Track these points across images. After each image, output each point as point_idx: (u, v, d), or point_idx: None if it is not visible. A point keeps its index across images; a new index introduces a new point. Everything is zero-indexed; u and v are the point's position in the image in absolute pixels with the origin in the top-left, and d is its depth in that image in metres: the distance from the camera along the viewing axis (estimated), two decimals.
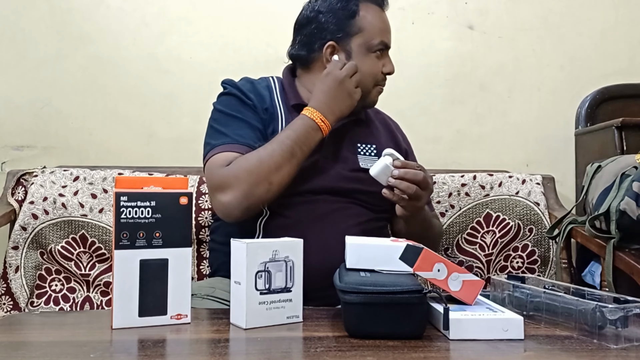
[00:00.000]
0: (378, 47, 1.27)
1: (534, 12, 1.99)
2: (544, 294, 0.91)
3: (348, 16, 1.27)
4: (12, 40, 1.89)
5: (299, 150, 1.15)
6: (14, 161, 1.86)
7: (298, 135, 1.16)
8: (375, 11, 1.28)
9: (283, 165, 1.14)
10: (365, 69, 1.26)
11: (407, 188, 1.12)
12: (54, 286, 1.60)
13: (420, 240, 1.26)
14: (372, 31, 1.27)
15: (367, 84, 1.28)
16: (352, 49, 1.27)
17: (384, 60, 1.29)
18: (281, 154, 1.14)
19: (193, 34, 1.94)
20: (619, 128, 1.64)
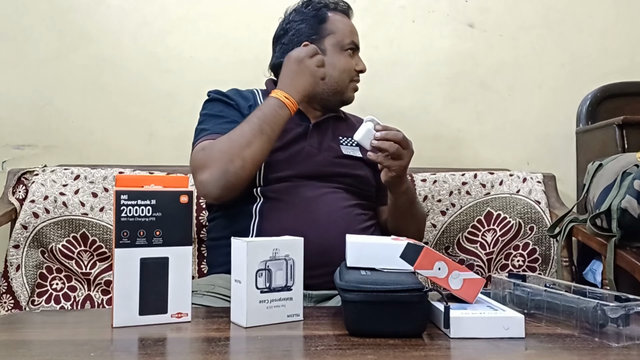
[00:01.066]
0: (349, 46, 1.41)
1: (535, 10, 1.99)
2: (545, 293, 0.91)
3: (320, 21, 1.42)
4: (13, 39, 1.89)
5: (268, 127, 1.21)
6: (14, 160, 1.86)
7: (265, 114, 1.22)
8: (343, 17, 1.45)
9: (253, 141, 1.20)
10: (340, 65, 1.40)
11: (389, 147, 1.21)
12: (55, 285, 1.60)
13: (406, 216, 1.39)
14: (343, 32, 1.41)
15: (343, 79, 1.41)
16: (326, 48, 1.40)
17: (355, 59, 1.43)
18: (250, 132, 1.20)
19: (193, 33, 1.93)
20: (620, 126, 1.63)
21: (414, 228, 1.43)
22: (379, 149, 1.22)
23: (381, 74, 1.96)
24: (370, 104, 1.58)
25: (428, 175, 1.76)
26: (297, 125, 1.37)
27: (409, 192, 1.36)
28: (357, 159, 1.41)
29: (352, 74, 1.42)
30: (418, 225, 1.46)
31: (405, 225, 1.39)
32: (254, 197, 1.29)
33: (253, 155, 1.20)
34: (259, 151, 1.21)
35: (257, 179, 1.28)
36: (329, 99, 1.42)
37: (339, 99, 1.43)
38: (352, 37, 1.43)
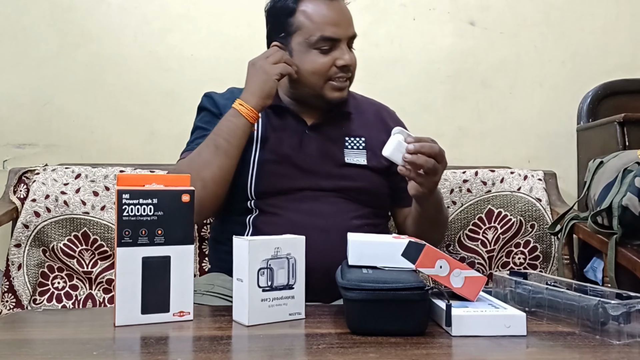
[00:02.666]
0: (318, 43, 1.22)
1: (536, 8, 1.99)
2: (546, 290, 0.91)
3: (286, 15, 1.25)
4: (13, 38, 1.89)
5: (223, 141, 1.17)
6: (15, 159, 1.86)
7: (220, 127, 1.19)
8: (320, 4, 1.23)
9: (210, 159, 1.17)
10: (307, 67, 1.24)
11: (425, 162, 1.08)
12: (57, 284, 1.60)
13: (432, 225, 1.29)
14: (311, 27, 1.22)
15: (315, 82, 1.25)
16: (293, 48, 1.25)
17: (335, 53, 1.23)
18: (206, 149, 1.18)
19: (194, 31, 1.93)
20: (621, 124, 1.63)
21: (438, 235, 1.35)
22: (413, 164, 1.08)
23: (382, 72, 1.96)
24: None
25: None
26: (292, 131, 1.29)
27: (437, 202, 1.26)
28: (362, 167, 1.29)
29: (326, 73, 1.23)
30: (442, 231, 1.39)
31: (430, 233, 1.27)
32: (248, 209, 1.24)
33: (212, 174, 1.16)
34: (217, 168, 1.16)
35: (249, 193, 1.23)
36: (312, 102, 1.30)
37: (322, 102, 1.28)
38: (324, 29, 1.21)
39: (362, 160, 1.30)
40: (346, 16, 1.26)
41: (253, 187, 1.23)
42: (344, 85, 1.27)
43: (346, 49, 1.24)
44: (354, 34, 1.27)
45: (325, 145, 1.29)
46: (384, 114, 1.43)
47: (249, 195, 1.23)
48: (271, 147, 1.26)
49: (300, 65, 1.25)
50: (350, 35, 1.26)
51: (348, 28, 1.25)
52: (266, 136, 1.28)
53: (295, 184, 1.24)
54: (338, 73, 1.24)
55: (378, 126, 1.37)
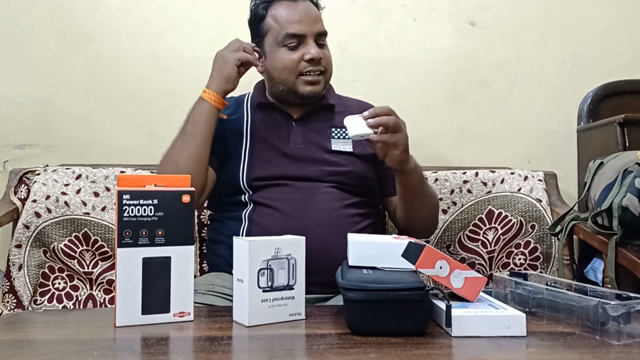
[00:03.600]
0: (285, 40, 1.31)
1: (536, 8, 1.99)
2: (546, 291, 0.91)
3: (258, 21, 1.36)
4: (13, 39, 1.89)
5: (190, 125, 1.26)
6: (16, 160, 1.86)
7: (188, 115, 1.29)
8: (282, 6, 1.33)
9: (181, 144, 1.26)
10: (276, 64, 1.33)
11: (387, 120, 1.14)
12: (57, 284, 1.60)
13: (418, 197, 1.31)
14: (277, 27, 1.32)
15: (286, 78, 1.33)
16: (266, 50, 1.35)
17: (302, 49, 1.31)
18: (177, 137, 1.28)
19: (194, 31, 1.93)
20: (622, 124, 1.63)
21: (427, 211, 1.35)
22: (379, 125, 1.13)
23: (382, 72, 1.96)
24: (371, 102, 1.56)
25: (429, 173, 1.76)
26: (279, 125, 1.37)
27: (418, 169, 1.28)
28: (349, 153, 1.35)
29: (296, 68, 1.31)
30: (431, 207, 1.37)
31: (420, 207, 1.32)
32: (243, 203, 1.29)
33: (184, 158, 1.24)
34: (187, 152, 1.25)
35: (242, 185, 1.29)
36: (290, 99, 1.36)
37: (297, 97, 1.34)
38: (289, 27, 1.30)
39: (348, 148, 1.35)
40: (310, 14, 1.33)
41: (244, 177, 1.29)
42: (316, 80, 1.33)
43: (313, 44, 1.31)
44: (320, 31, 1.34)
45: (312, 135, 1.36)
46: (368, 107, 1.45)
47: (242, 186, 1.29)
48: (260, 139, 1.34)
49: (272, 64, 1.34)
50: (315, 32, 1.32)
51: (313, 25, 1.32)
52: (255, 130, 1.36)
53: (284, 171, 1.29)
54: (307, 67, 1.31)
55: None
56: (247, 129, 1.36)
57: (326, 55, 1.35)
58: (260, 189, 1.28)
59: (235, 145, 1.35)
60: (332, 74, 1.41)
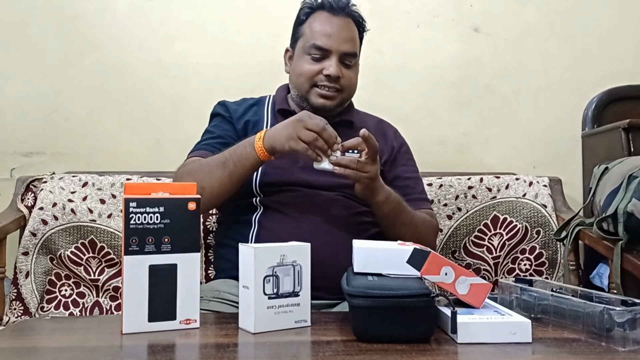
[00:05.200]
0: (311, 50, 1.32)
1: (539, 14, 1.99)
2: (552, 297, 0.91)
3: (298, 24, 1.39)
4: (20, 47, 1.91)
5: (231, 162, 1.21)
6: (22, 167, 1.87)
7: (235, 149, 1.22)
8: (322, 17, 1.35)
9: (214, 171, 1.21)
10: (297, 69, 1.36)
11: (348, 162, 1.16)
12: (64, 291, 1.61)
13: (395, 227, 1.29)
14: (310, 35, 1.34)
15: (301, 84, 1.35)
16: (295, 53, 1.38)
17: (326, 63, 1.32)
18: (216, 162, 1.22)
19: (199, 39, 1.95)
20: (626, 129, 1.63)
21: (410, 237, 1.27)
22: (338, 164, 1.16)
23: (387, 78, 1.97)
24: (376, 108, 1.57)
25: (434, 179, 1.76)
26: None
27: (391, 201, 1.26)
28: None
29: (312, 79, 1.33)
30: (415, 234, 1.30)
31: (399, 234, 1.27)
32: (253, 206, 1.29)
33: (212, 185, 1.21)
34: (217, 182, 1.21)
35: (254, 188, 1.28)
36: (303, 105, 1.37)
37: (308, 106, 1.35)
38: (318, 39, 1.32)
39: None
40: (343, 32, 1.34)
41: (258, 181, 1.29)
42: (330, 94, 1.33)
43: (335, 61, 1.32)
44: (347, 51, 1.33)
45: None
46: (384, 125, 1.51)
47: (255, 190, 1.29)
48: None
49: (294, 68, 1.38)
50: (342, 50, 1.32)
51: (341, 43, 1.33)
52: None
53: (296, 178, 1.30)
54: (323, 81, 1.33)
55: (377, 135, 1.41)
56: None
57: (348, 75, 1.35)
58: (271, 194, 1.28)
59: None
60: (352, 95, 1.41)
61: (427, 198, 1.48)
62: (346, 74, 1.34)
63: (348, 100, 1.42)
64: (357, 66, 1.40)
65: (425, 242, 1.33)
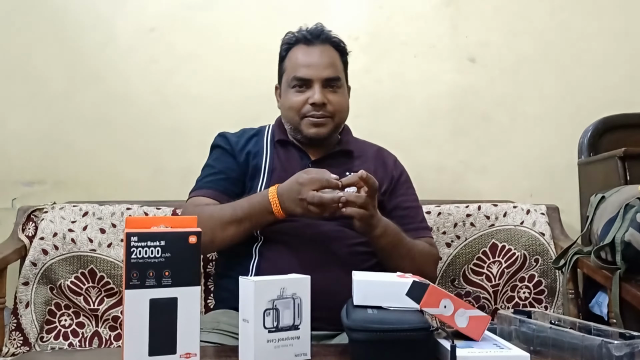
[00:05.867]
0: (293, 82, 1.37)
1: (534, 45, 2.02)
2: (550, 330, 0.91)
3: (280, 60, 1.44)
4: (24, 78, 1.94)
5: (248, 222, 1.24)
6: (24, 197, 1.88)
7: (253, 209, 1.23)
8: (300, 50, 1.39)
9: (228, 227, 1.24)
10: (286, 103, 1.39)
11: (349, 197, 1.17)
12: (64, 321, 1.61)
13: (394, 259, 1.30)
14: (291, 69, 1.38)
15: (291, 117, 1.38)
16: (282, 88, 1.43)
17: (309, 92, 1.35)
18: (230, 218, 1.24)
19: (200, 70, 1.98)
20: (622, 158, 1.64)
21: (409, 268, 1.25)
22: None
23: (385, 107, 1.99)
24: (375, 136, 1.59)
25: (432, 207, 1.77)
26: (296, 164, 1.38)
27: (389, 234, 1.27)
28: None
29: (300, 110, 1.36)
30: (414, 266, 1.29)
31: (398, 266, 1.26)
32: (254, 236, 1.30)
33: (224, 238, 1.24)
34: (230, 236, 1.24)
35: None
36: (296, 137, 1.41)
37: (302, 137, 1.39)
38: (298, 71, 1.36)
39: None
40: (322, 59, 1.37)
41: None
42: (320, 122, 1.36)
43: (319, 89, 1.35)
44: (328, 76, 1.36)
45: None
46: (384, 154, 1.52)
47: None
48: (277, 177, 1.34)
49: (282, 103, 1.42)
50: (323, 77, 1.36)
51: (322, 70, 1.36)
52: (273, 168, 1.38)
53: None
54: (311, 110, 1.35)
55: (377, 165, 1.46)
56: (265, 165, 1.38)
57: (335, 99, 1.37)
58: (272, 224, 1.28)
59: (252, 180, 1.37)
60: (344, 118, 1.43)
61: (427, 226, 1.49)
62: (332, 98, 1.36)
63: (341, 124, 1.44)
64: (345, 89, 1.42)
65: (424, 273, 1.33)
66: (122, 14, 1.97)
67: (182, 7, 1.99)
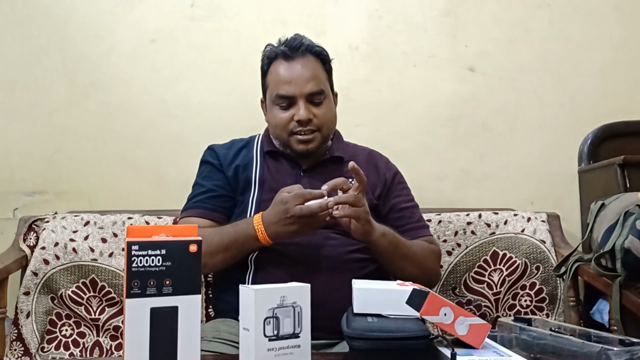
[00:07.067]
0: (277, 100, 1.35)
1: (533, 54, 2.03)
2: (550, 337, 0.91)
3: (263, 75, 1.42)
4: (25, 88, 1.95)
5: (235, 249, 1.24)
6: (25, 207, 1.89)
7: (237, 238, 1.24)
8: (280, 65, 1.36)
9: (217, 254, 1.24)
10: (272, 120, 1.38)
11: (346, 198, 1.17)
12: (64, 331, 1.61)
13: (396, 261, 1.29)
14: (273, 86, 1.37)
15: (279, 134, 1.37)
16: (267, 104, 1.41)
17: (293, 109, 1.34)
18: (218, 245, 1.24)
19: (201, 79, 1.99)
20: (621, 166, 1.65)
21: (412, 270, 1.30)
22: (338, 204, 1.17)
23: (385, 116, 2.00)
24: (375, 145, 1.60)
25: (433, 215, 1.77)
26: (288, 174, 1.38)
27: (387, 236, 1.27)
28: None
29: (287, 128, 1.34)
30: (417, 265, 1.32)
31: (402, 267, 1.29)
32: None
33: (213, 265, 1.27)
34: (220, 263, 1.26)
35: None
36: (285, 151, 1.39)
37: (291, 152, 1.37)
38: (279, 88, 1.34)
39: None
40: (303, 74, 1.34)
41: None
42: (307, 138, 1.35)
43: (303, 104, 1.33)
44: (311, 91, 1.34)
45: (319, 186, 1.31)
46: (375, 157, 1.51)
47: None
48: (269, 188, 1.34)
49: (268, 120, 1.41)
50: (306, 92, 1.33)
51: (304, 85, 1.33)
52: (264, 179, 1.37)
53: None
54: (297, 127, 1.34)
55: (369, 169, 1.44)
56: (256, 176, 1.38)
57: (320, 113, 1.35)
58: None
59: (243, 193, 1.37)
60: (332, 128, 1.42)
61: (425, 225, 1.47)
62: (318, 112, 1.35)
63: (329, 136, 1.42)
64: (330, 99, 1.40)
65: (428, 270, 1.36)
66: (124, 24, 1.99)
67: (183, 18, 2.00)
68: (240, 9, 2.01)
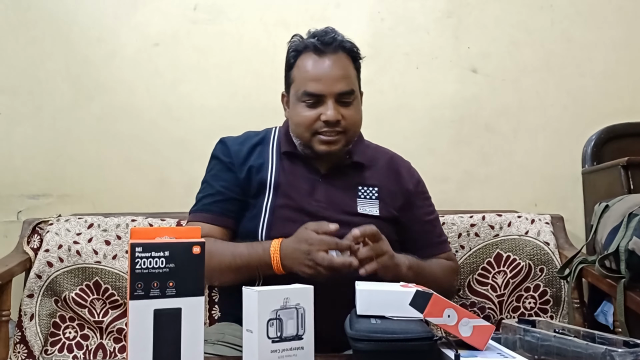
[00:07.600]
0: (303, 97, 1.25)
1: (536, 55, 2.03)
2: (554, 338, 0.91)
3: (288, 68, 1.32)
4: (29, 91, 1.96)
5: (246, 271, 1.20)
6: (29, 210, 1.90)
7: (250, 261, 1.19)
8: (309, 59, 1.27)
9: (226, 273, 1.22)
10: (294, 117, 1.29)
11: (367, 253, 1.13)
12: (68, 333, 1.61)
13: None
14: (300, 81, 1.27)
15: (301, 133, 1.28)
16: (290, 99, 1.31)
17: (321, 108, 1.25)
18: (229, 265, 1.20)
19: (204, 82, 1.99)
20: (625, 167, 1.65)
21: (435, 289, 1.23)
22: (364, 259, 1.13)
23: (388, 117, 2.00)
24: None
25: None
26: (305, 179, 1.31)
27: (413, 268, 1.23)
28: (374, 217, 1.29)
29: (311, 127, 1.25)
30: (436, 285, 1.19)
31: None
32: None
33: (220, 281, 1.28)
34: (229, 282, 1.24)
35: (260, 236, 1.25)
36: (305, 151, 1.31)
37: (312, 153, 1.29)
38: (308, 85, 1.24)
39: (374, 211, 1.31)
40: (333, 72, 1.26)
41: (264, 232, 1.25)
42: (332, 139, 1.26)
43: (332, 104, 1.24)
44: (342, 90, 1.26)
45: (338, 194, 1.30)
46: (397, 162, 1.44)
47: (260, 240, 1.25)
48: (284, 194, 1.28)
49: (291, 117, 1.31)
50: (336, 92, 1.25)
51: (334, 84, 1.25)
52: (279, 183, 1.30)
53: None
54: (323, 127, 1.25)
55: (390, 176, 1.39)
56: (271, 179, 1.30)
57: (349, 115, 1.27)
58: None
59: (257, 197, 1.30)
60: (357, 132, 1.34)
61: (445, 239, 1.46)
62: (346, 113, 1.26)
63: (354, 139, 1.33)
64: (358, 100, 1.32)
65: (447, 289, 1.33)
66: (127, 28, 1.99)
67: (185, 21, 2.01)
68: (243, 12, 2.02)
